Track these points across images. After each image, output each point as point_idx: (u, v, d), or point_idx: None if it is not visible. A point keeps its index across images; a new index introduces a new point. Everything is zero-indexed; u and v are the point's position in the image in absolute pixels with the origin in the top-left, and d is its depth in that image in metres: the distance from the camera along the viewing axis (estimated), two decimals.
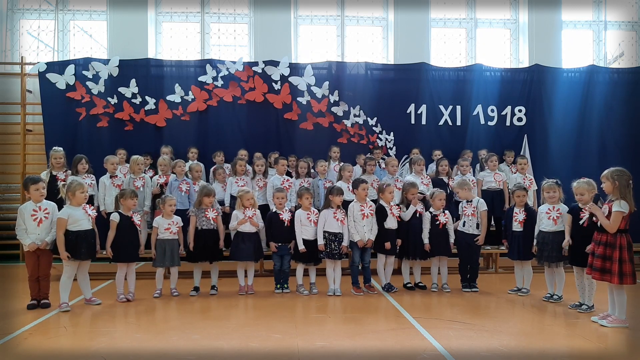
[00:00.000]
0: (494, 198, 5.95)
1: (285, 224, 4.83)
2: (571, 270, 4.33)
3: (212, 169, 6.22)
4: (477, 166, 6.69)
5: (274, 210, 4.96)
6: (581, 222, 3.99)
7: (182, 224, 4.81)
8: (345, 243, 4.80)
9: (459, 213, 5.08)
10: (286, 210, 4.94)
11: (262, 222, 4.93)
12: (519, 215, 4.80)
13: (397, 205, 5.00)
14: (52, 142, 6.33)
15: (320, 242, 4.75)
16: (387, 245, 4.84)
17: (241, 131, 7.08)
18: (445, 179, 5.98)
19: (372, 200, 5.11)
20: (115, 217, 4.55)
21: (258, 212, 4.89)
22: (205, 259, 4.81)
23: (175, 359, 3.07)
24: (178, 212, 4.91)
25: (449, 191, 5.67)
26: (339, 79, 7.22)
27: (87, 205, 4.34)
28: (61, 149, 5.74)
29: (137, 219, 4.61)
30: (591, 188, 4.10)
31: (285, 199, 4.99)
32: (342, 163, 6.13)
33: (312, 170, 6.11)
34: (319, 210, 4.90)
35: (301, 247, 4.73)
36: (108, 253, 4.51)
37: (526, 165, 6.07)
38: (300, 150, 6.94)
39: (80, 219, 4.23)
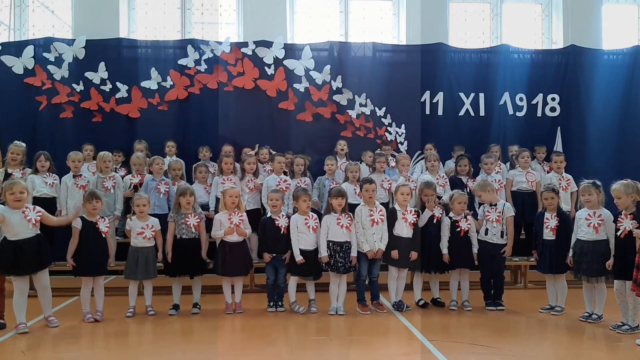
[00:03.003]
0: (525, 201, 5.95)
1: (282, 231, 4.84)
2: (612, 286, 4.33)
3: (194, 167, 6.22)
4: (505, 165, 6.68)
5: (268, 215, 4.96)
6: (618, 233, 3.99)
7: (159, 228, 4.81)
8: (353, 253, 4.81)
9: (479, 218, 5.10)
10: (283, 215, 4.95)
11: (250, 228, 4.94)
12: (551, 221, 4.80)
13: (415, 210, 5.00)
14: (7, 136, 6.29)
15: (324, 252, 4.76)
16: (394, 253, 4.85)
17: (228, 123, 7.09)
18: (465, 179, 5.99)
19: (382, 204, 5.13)
20: (77, 224, 4.54)
21: (245, 216, 4.90)
22: (186, 273, 4.82)
23: None
24: (158, 218, 4.92)
25: (466, 190, 5.69)
26: (342, 62, 7.22)
27: (30, 208, 4.21)
28: (23, 144, 5.67)
29: (103, 225, 4.60)
30: (630, 191, 4.10)
31: (282, 202, 5.00)
32: (347, 161, 6.15)
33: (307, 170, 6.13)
34: (319, 216, 4.91)
35: (298, 258, 4.74)
36: (69, 265, 4.51)
37: (562, 164, 6.03)
38: (298, 145, 6.96)
39: (18, 225, 4.09)
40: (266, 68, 7.09)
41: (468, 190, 5.74)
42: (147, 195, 4.99)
